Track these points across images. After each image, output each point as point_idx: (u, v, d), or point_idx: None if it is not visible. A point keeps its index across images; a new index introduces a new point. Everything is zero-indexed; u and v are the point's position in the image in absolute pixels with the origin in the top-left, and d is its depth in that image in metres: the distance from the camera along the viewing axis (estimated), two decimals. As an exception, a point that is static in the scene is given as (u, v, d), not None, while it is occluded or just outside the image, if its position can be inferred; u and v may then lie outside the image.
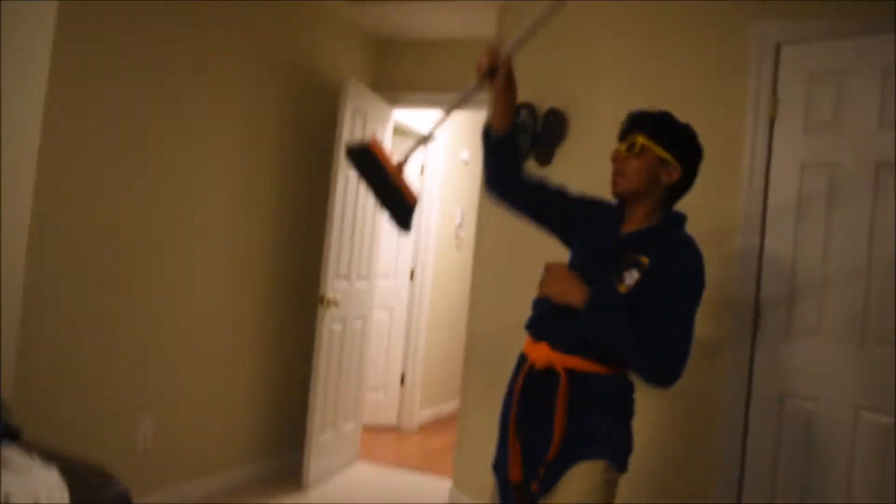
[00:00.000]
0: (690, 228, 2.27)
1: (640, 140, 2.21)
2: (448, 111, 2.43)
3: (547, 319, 2.28)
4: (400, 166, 2.31)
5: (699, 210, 2.50)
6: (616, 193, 2.28)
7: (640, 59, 3.63)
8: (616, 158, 2.26)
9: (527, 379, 2.27)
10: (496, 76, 2.30)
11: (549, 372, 2.21)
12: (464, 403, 4.51)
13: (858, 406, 3.02)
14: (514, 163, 2.43)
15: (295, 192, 4.88)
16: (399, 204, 2.30)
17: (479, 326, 4.40)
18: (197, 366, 4.15)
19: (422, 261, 6.63)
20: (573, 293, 2.15)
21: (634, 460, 2.26)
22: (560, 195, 2.47)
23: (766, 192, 3.31)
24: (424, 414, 6.81)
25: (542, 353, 2.23)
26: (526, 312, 2.39)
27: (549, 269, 2.24)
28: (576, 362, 2.18)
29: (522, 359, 2.34)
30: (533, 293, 2.45)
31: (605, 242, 2.28)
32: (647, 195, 2.25)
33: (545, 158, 3.94)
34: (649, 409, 3.02)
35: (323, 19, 5.02)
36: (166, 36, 3.76)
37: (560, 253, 2.49)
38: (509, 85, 2.32)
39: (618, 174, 2.26)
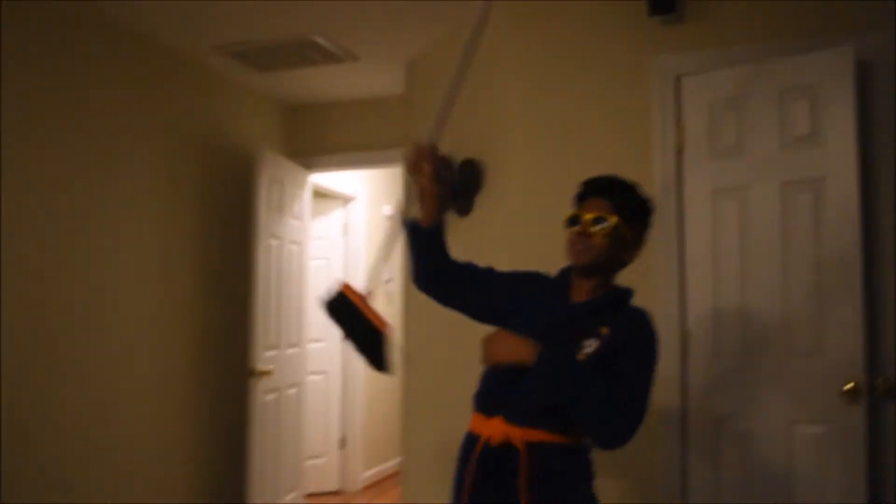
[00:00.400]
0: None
1: (611, 219, 2.16)
2: (397, 220, 2.41)
3: (498, 393, 2.18)
4: (365, 300, 2.31)
5: None
6: (576, 264, 2.22)
7: (549, 103, 3.69)
8: (580, 231, 2.19)
9: (482, 456, 2.15)
10: (423, 171, 2.27)
11: (506, 448, 2.11)
12: (406, 465, 4.44)
13: (793, 420, 3.08)
14: (442, 252, 2.36)
15: (217, 265, 4.81)
16: (373, 341, 2.27)
17: (414, 383, 4.37)
18: (124, 449, 4.02)
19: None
20: (523, 351, 2.06)
21: None
22: (492, 273, 2.41)
23: (682, 219, 3.38)
24: (369, 474, 6.70)
25: (498, 429, 2.12)
26: (458, 368, 2.36)
27: (490, 336, 2.15)
28: (536, 435, 2.09)
29: (472, 439, 2.22)
30: (462, 348, 2.43)
31: (559, 312, 2.21)
32: (603, 270, 2.22)
33: (465, 209, 3.96)
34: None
35: (234, 91, 5.02)
36: (82, 122, 3.72)
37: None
38: (437, 178, 2.28)
39: (579, 246, 2.19)
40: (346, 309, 2.29)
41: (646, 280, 3.36)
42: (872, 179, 3.11)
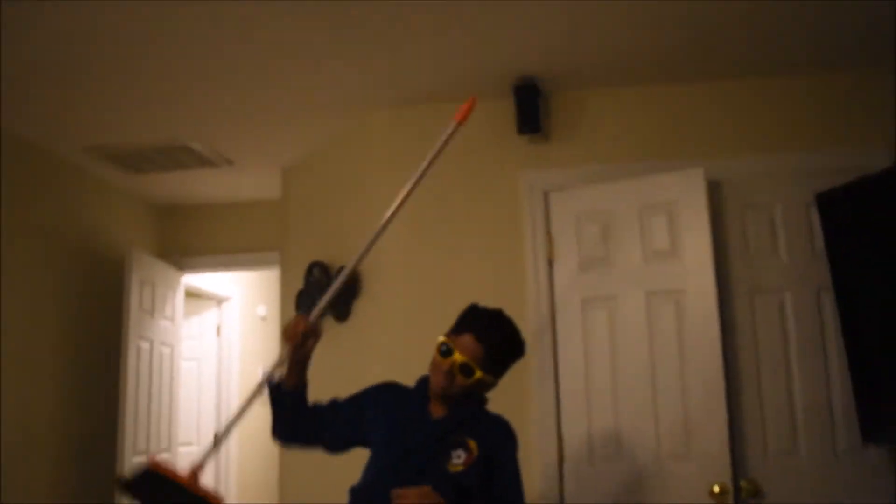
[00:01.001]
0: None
1: (479, 374, 2.23)
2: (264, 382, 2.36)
3: (378, 493, 2.19)
4: (194, 474, 2.14)
5: None
6: (437, 392, 2.28)
7: (424, 213, 3.77)
8: (446, 368, 2.24)
9: None
10: (306, 346, 2.29)
11: None
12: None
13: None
14: (303, 411, 2.38)
15: (85, 368, 4.63)
16: None
17: (292, 490, 4.29)
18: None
19: (225, 423, 6.40)
20: None
21: None
22: (337, 406, 2.44)
23: (554, 327, 3.52)
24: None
25: None
26: (338, 472, 2.36)
27: (417, 493, 2.08)
28: None
29: None
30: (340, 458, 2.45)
31: (423, 431, 2.27)
32: (460, 400, 2.30)
33: (343, 315, 3.98)
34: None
35: (102, 192, 4.92)
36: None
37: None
38: (309, 352, 2.32)
39: (443, 380, 2.24)
40: (160, 487, 2.11)
41: (520, 386, 3.45)
42: (728, 289, 3.34)
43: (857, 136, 3.48)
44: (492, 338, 2.26)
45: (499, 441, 2.28)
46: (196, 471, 2.14)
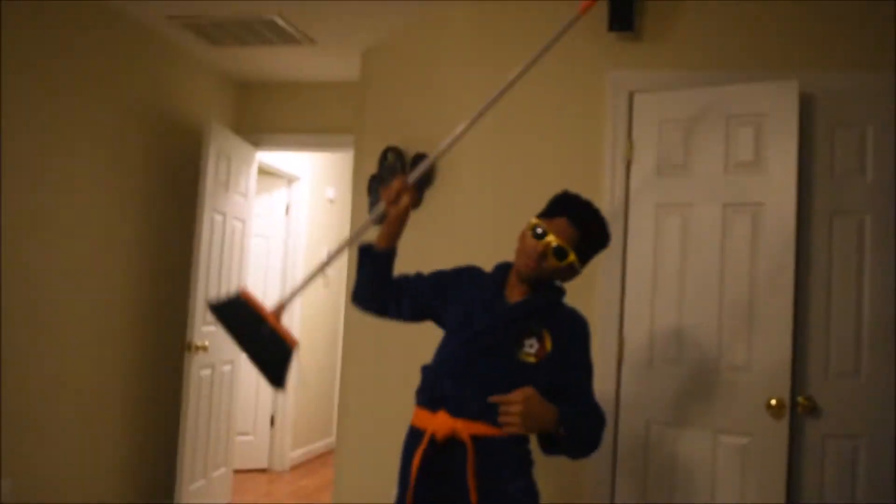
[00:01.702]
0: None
1: (571, 256, 2.23)
2: (350, 242, 2.47)
3: (441, 387, 2.26)
4: (277, 313, 2.25)
5: None
6: (522, 272, 2.29)
7: (502, 105, 3.74)
8: (539, 249, 2.24)
9: (427, 452, 2.21)
10: (400, 203, 2.32)
11: (452, 442, 2.19)
12: (340, 447, 4.50)
13: (718, 430, 3.25)
14: (390, 275, 2.44)
15: (161, 237, 4.78)
16: (276, 354, 2.23)
17: (353, 368, 4.42)
18: (59, 417, 3.99)
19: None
20: (549, 419, 2.10)
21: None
22: (421, 280, 2.48)
23: (626, 229, 3.51)
24: (296, 454, 6.75)
25: (444, 423, 2.19)
26: (400, 354, 2.42)
27: (517, 399, 2.06)
28: (481, 428, 2.17)
29: (416, 433, 2.28)
30: (409, 333, 2.51)
31: (496, 315, 2.29)
32: (545, 281, 2.33)
33: (416, 202, 4.00)
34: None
35: (183, 64, 4.97)
36: (24, 87, 3.65)
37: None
38: (408, 213, 2.36)
39: (532, 259, 2.25)
40: (244, 316, 2.23)
41: (587, 286, 3.48)
42: (809, 207, 3.29)
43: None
44: (586, 223, 2.28)
45: (573, 334, 2.31)
46: (279, 309, 2.27)
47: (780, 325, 3.17)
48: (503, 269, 2.39)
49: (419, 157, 4.01)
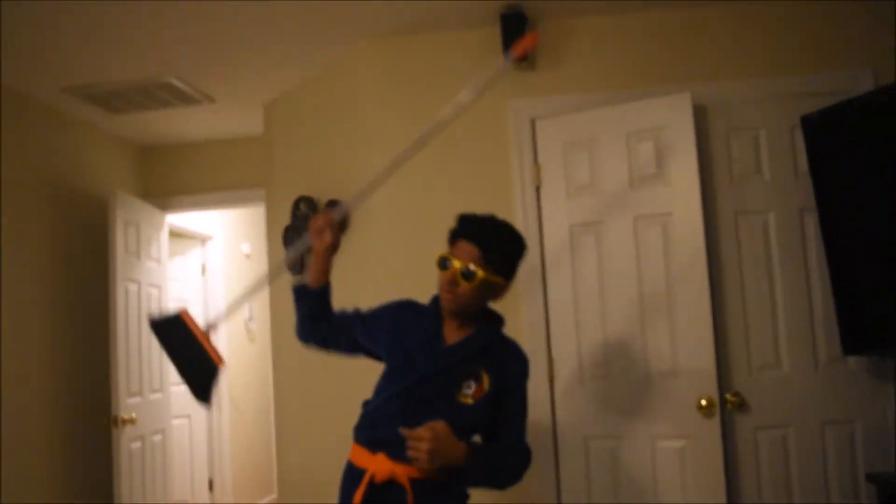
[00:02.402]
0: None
1: (480, 274, 2.21)
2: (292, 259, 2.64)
3: (382, 428, 2.27)
4: (207, 333, 2.41)
5: None
6: (448, 309, 2.31)
7: (408, 138, 3.80)
8: (450, 279, 2.25)
9: (367, 491, 2.23)
10: (324, 239, 2.37)
11: (390, 484, 2.21)
12: (282, 501, 4.44)
13: (655, 436, 3.33)
14: (328, 310, 2.47)
15: (74, 313, 4.66)
16: (203, 371, 2.38)
17: (288, 420, 4.38)
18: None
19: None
20: (457, 455, 2.14)
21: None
22: (357, 318, 2.49)
23: (543, 253, 3.59)
24: (240, 516, 6.60)
25: (384, 466, 2.22)
26: (336, 399, 2.43)
27: (422, 435, 2.10)
28: (419, 472, 2.19)
29: (355, 470, 2.30)
30: (343, 378, 2.51)
31: (436, 359, 2.30)
32: (473, 309, 2.33)
33: (335, 245, 4.02)
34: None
35: (82, 134, 4.89)
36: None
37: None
38: (335, 249, 2.41)
39: (449, 293, 2.27)
40: (179, 334, 2.39)
41: (512, 311, 3.52)
42: (714, 211, 3.43)
43: (841, 60, 3.53)
44: (484, 236, 2.26)
45: (512, 372, 2.35)
46: (209, 330, 2.43)
47: (701, 326, 3.28)
48: (438, 300, 2.38)
49: (332, 204, 4.02)
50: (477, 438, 2.31)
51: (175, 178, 5.51)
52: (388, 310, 2.48)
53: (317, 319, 2.47)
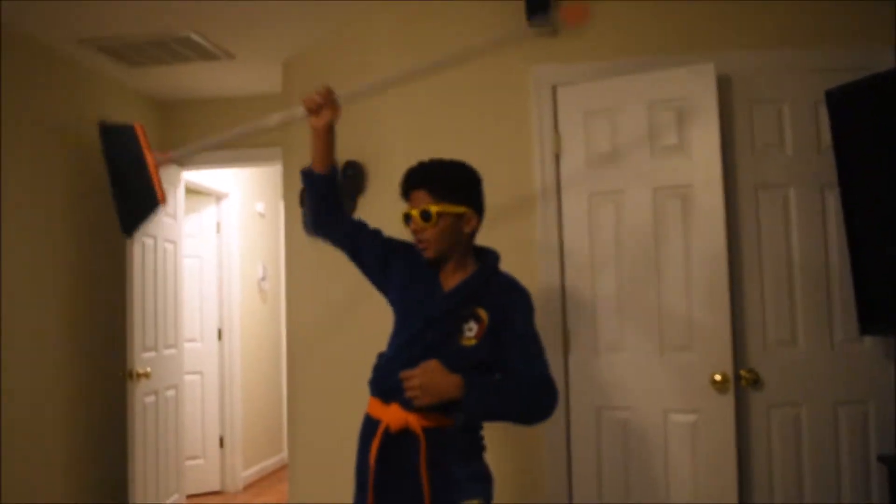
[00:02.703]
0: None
1: (434, 209, 2.27)
2: (262, 127, 2.52)
3: (394, 380, 2.28)
4: (159, 163, 2.22)
5: (501, 243, 2.58)
6: (430, 260, 2.34)
7: (428, 106, 3.78)
8: (415, 229, 2.31)
9: (381, 443, 2.28)
10: (321, 113, 2.35)
11: (405, 432, 2.25)
12: (293, 461, 4.47)
13: (667, 409, 3.32)
14: (336, 200, 2.45)
15: (91, 265, 4.67)
16: (142, 202, 2.20)
17: (301, 378, 4.40)
18: (2, 455, 3.87)
19: (228, 319, 6.50)
20: (453, 389, 2.17)
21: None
22: (376, 236, 2.50)
23: (560, 221, 3.56)
24: (249, 473, 6.67)
25: (397, 416, 2.26)
26: (349, 357, 2.43)
27: (418, 374, 2.19)
28: (433, 420, 2.24)
29: (371, 422, 2.35)
30: (356, 336, 2.50)
31: (433, 307, 2.32)
32: (455, 248, 2.35)
33: (348, 210, 4.00)
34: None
35: (101, 86, 4.87)
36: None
37: (374, 295, 2.57)
38: (331, 128, 2.38)
39: (422, 243, 2.31)
40: (128, 149, 2.21)
41: (528, 279, 3.51)
42: (734, 184, 3.38)
43: (867, 34, 3.44)
44: (427, 176, 2.32)
45: (509, 303, 2.35)
46: (164, 160, 2.27)
47: (718, 300, 3.24)
48: None
49: (349, 165, 3.99)
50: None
51: (192, 134, 5.47)
52: (402, 246, 2.47)
53: (328, 210, 2.44)
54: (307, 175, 2.43)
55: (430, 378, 2.16)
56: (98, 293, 4.74)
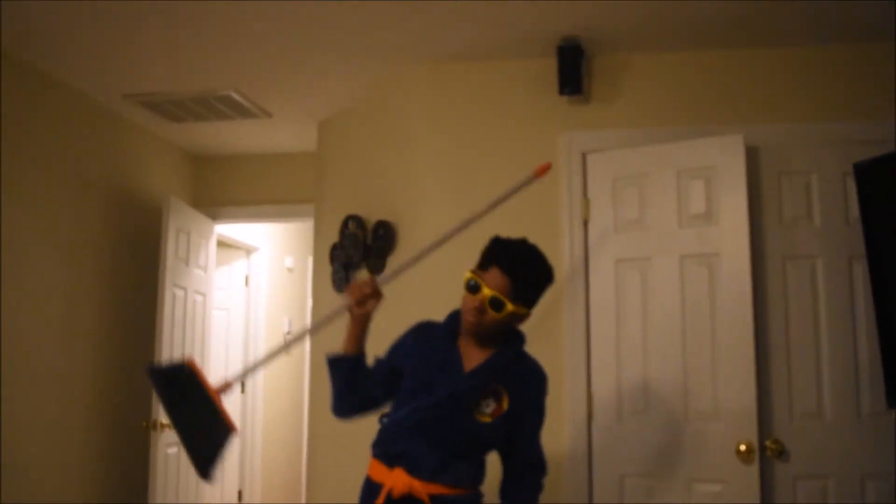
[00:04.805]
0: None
1: (510, 307, 2.23)
2: (316, 328, 2.51)
3: (400, 444, 2.28)
4: (221, 391, 2.09)
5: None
6: (470, 330, 2.31)
7: (461, 167, 3.84)
8: (476, 306, 2.25)
9: None
10: (365, 306, 2.30)
11: (408, 498, 2.22)
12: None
13: (691, 479, 3.30)
14: (360, 377, 2.39)
15: (122, 313, 4.74)
16: (212, 438, 2.06)
17: (322, 435, 4.40)
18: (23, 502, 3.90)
19: (252, 372, 6.52)
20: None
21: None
22: (383, 367, 2.44)
23: (588, 287, 3.58)
24: (266, 528, 6.63)
25: (401, 481, 2.22)
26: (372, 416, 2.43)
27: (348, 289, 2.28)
28: (438, 489, 2.22)
29: (373, 487, 2.30)
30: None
31: (455, 384, 2.30)
32: (495, 333, 2.34)
33: (377, 269, 4.06)
34: None
35: (140, 140, 4.99)
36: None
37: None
38: (370, 317, 2.34)
39: (473, 317, 2.27)
40: (185, 388, 2.07)
41: (553, 344, 3.53)
42: (762, 254, 3.40)
43: (895, 108, 3.50)
44: (518, 268, 2.25)
45: (530, 392, 2.37)
46: (225, 388, 2.12)
47: (743, 370, 3.24)
48: (456, 317, 2.39)
49: (380, 225, 4.06)
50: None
51: (226, 189, 5.59)
52: (407, 336, 2.48)
53: (353, 389, 2.39)
54: (335, 361, 2.39)
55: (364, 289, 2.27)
56: (128, 341, 4.79)
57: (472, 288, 2.26)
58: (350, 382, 2.38)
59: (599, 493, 3.45)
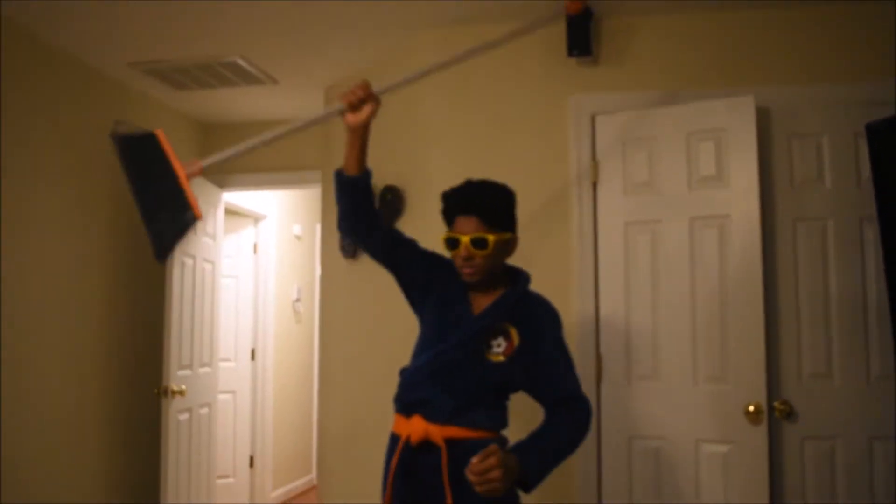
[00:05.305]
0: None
1: (491, 238, 2.25)
2: (300, 128, 2.33)
3: (415, 392, 2.30)
4: (191, 173, 1.95)
5: (537, 270, 2.61)
6: (472, 283, 2.33)
7: (467, 132, 3.83)
8: (464, 255, 2.26)
9: (403, 456, 2.26)
10: (360, 110, 2.29)
11: (427, 445, 2.24)
12: (322, 482, 4.50)
13: (699, 439, 3.31)
14: (369, 206, 2.38)
15: (131, 284, 4.76)
16: (174, 219, 1.94)
17: (332, 400, 4.43)
18: (36, 468, 3.94)
19: (262, 340, 6.57)
20: (516, 472, 2.07)
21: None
22: (415, 250, 2.47)
23: (596, 249, 3.58)
24: (278, 493, 6.69)
25: (418, 428, 2.24)
26: (380, 379, 2.44)
27: (497, 463, 1.99)
28: (455, 431, 2.23)
29: (394, 439, 2.34)
30: (387, 359, 2.51)
31: (465, 327, 2.32)
32: (495, 272, 2.37)
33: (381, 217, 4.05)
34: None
35: (146, 108, 4.98)
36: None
37: (407, 319, 2.58)
38: (368, 126, 2.33)
39: (469, 268, 2.28)
40: (152, 160, 1.92)
41: (562, 307, 3.52)
42: (772, 216, 3.39)
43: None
44: (476, 203, 2.28)
45: (539, 321, 2.36)
46: (194, 169, 1.99)
47: (753, 332, 3.24)
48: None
49: (388, 190, 4.05)
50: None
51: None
52: (437, 261, 2.47)
53: (359, 214, 2.37)
54: (339, 175, 2.38)
55: (506, 467, 1.99)
56: (137, 310, 4.82)
57: (452, 243, 2.30)
58: (354, 206, 2.36)
59: (608, 455, 3.47)
